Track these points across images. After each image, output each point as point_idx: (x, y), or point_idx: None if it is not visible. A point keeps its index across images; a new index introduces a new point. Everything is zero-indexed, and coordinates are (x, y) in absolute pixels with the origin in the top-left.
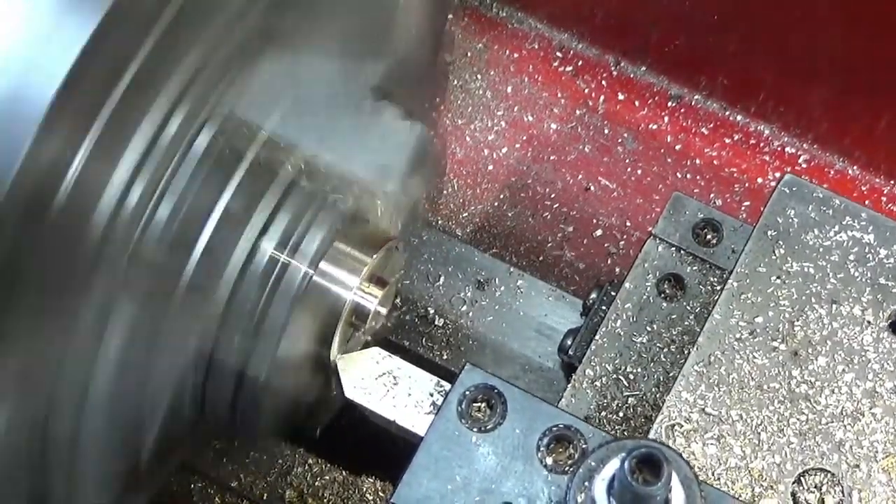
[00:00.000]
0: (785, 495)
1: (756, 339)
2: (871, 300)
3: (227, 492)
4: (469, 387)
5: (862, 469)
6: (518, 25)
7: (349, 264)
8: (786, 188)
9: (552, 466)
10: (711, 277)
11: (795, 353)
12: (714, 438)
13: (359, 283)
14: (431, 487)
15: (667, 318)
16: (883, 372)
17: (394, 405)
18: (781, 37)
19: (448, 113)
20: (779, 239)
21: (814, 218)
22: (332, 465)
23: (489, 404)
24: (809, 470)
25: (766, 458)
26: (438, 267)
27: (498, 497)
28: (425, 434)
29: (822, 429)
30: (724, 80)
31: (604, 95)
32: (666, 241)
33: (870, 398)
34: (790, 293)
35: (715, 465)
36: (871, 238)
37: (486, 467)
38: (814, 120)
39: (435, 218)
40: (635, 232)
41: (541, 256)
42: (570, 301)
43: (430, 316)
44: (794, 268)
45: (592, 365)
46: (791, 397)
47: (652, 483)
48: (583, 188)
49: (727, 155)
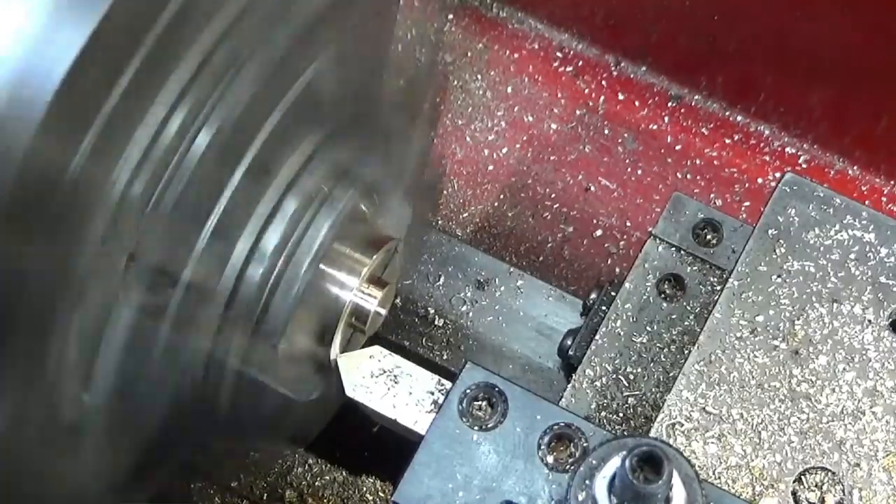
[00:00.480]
0: (786, 494)
1: (757, 337)
2: (872, 299)
3: (227, 492)
4: (470, 385)
5: (862, 468)
6: (518, 25)
7: (349, 265)
8: (786, 187)
9: (553, 465)
10: (711, 277)
11: (796, 352)
12: (715, 437)
13: (358, 284)
14: (432, 486)
15: (667, 319)
16: (883, 371)
17: (394, 404)
18: (781, 37)
19: (448, 113)
20: (780, 238)
21: (814, 217)
22: (332, 465)
23: (490, 403)
24: (810, 469)
25: (767, 456)
26: (438, 267)
27: (499, 495)
28: (426, 432)
29: (822, 427)
30: (723, 80)
31: (604, 95)
32: (666, 242)
33: (870, 397)
34: (791, 292)
35: (716, 463)
36: (871, 237)
37: (487, 466)
38: (814, 120)
39: (435, 218)
40: (635, 232)
41: (541, 256)
42: (570, 301)
43: (430, 316)
44: (795, 266)
45: (592, 365)
46: (792, 396)
47: (653, 481)
48: (583, 188)
49: (727, 155)
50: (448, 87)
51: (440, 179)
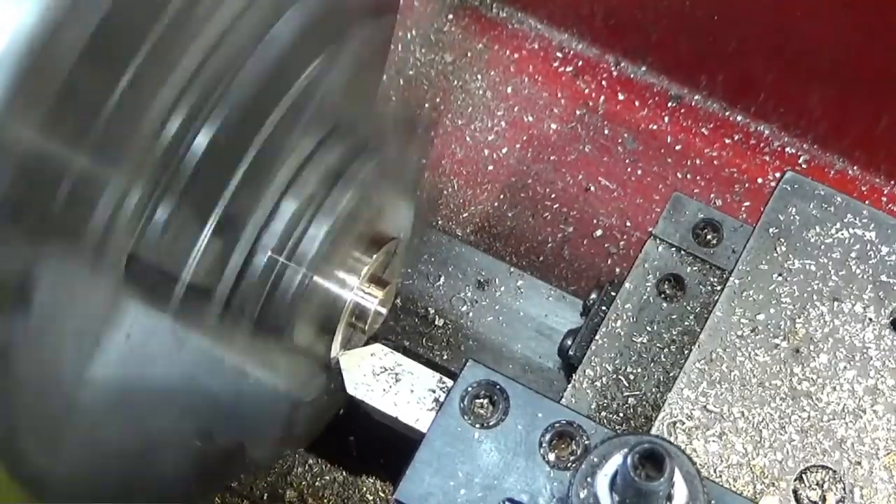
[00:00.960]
0: (787, 492)
1: (758, 336)
2: (873, 297)
3: (227, 492)
4: (471, 383)
5: (863, 466)
6: (518, 25)
7: (349, 265)
8: (787, 185)
9: (554, 462)
10: (711, 278)
11: (797, 351)
12: (716, 436)
13: (359, 284)
14: (434, 483)
15: (667, 319)
16: (884, 369)
17: (396, 402)
18: (781, 37)
19: (448, 113)
20: (780, 236)
21: (815, 215)
22: (332, 465)
23: (492, 400)
24: (811, 467)
25: (768, 455)
26: (438, 267)
27: (500, 493)
28: (427, 430)
29: (823, 426)
30: (723, 80)
31: (604, 95)
32: (666, 242)
33: (871, 395)
34: (792, 290)
35: (717, 462)
36: (872, 235)
37: (489, 463)
38: (814, 120)
39: (435, 218)
40: (635, 232)
41: (541, 256)
42: (570, 301)
43: (430, 316)
44: (796, 265)
45: (592, 365)
46: (793, 394)
47: (655, 478)
48: (583, 188)
49: (727, 155)
50: (448, 87)
51: (437, 182)
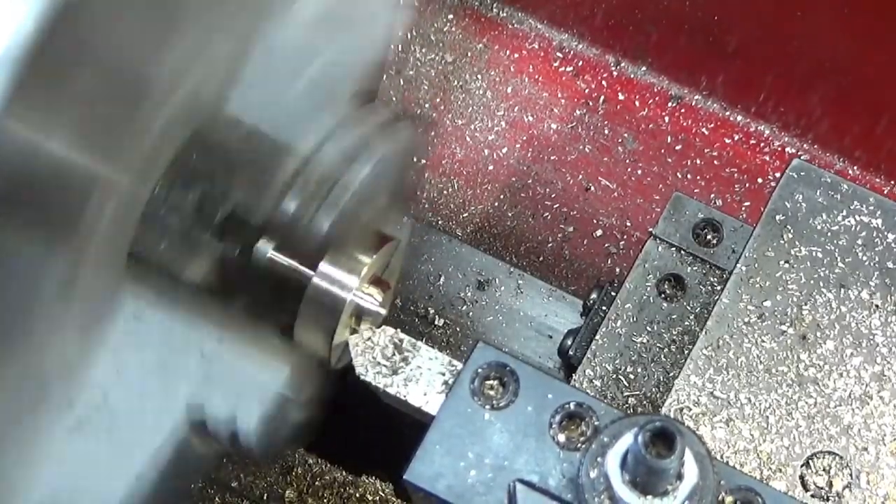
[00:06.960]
0: (793, 478)
1: (764, 322)
2: (879, 284)
3: (227, 492)
4: (481, 364)
5: (870, 452)
6: (518, 25)
7: (348, 265)
8: (794, 173)
9: (564, 443)
10: (711, 277)
11: (804, 337)
12: (723, 422)
13: (358, 284)
14: (444, 464)
15: (667, 319)
16: (891, 355)
17: (405, 384)
18: (781, 37)
19: (448, 113)
20: (787, 223)
21: (822, 203)
22: (332, 465)
23: (502, 382)
24: (818, 453)
25: (775, 441)
26: (438, 267)
27: (510, 473)
28: (438, 411)
29: (830, 412)
30: (723, 80)
31: (604, 95)
32: (666, 241)
33: (878, 382)
34: (798, 277)
35: (724, 448)
36: (878, 222)
37: (499, 444)
38: (814, 120)
39: (435, 218)
40: (635, 232)
41: (541, 256)
42: (570, 301)
43: (430, 316)
44: (803, 252)
45: (592, 365)
46: (799, 381)
47: (665, 456)
48: (583, 188)
49: (727, 155)
50: (448, 87)
51: (437, 182)
